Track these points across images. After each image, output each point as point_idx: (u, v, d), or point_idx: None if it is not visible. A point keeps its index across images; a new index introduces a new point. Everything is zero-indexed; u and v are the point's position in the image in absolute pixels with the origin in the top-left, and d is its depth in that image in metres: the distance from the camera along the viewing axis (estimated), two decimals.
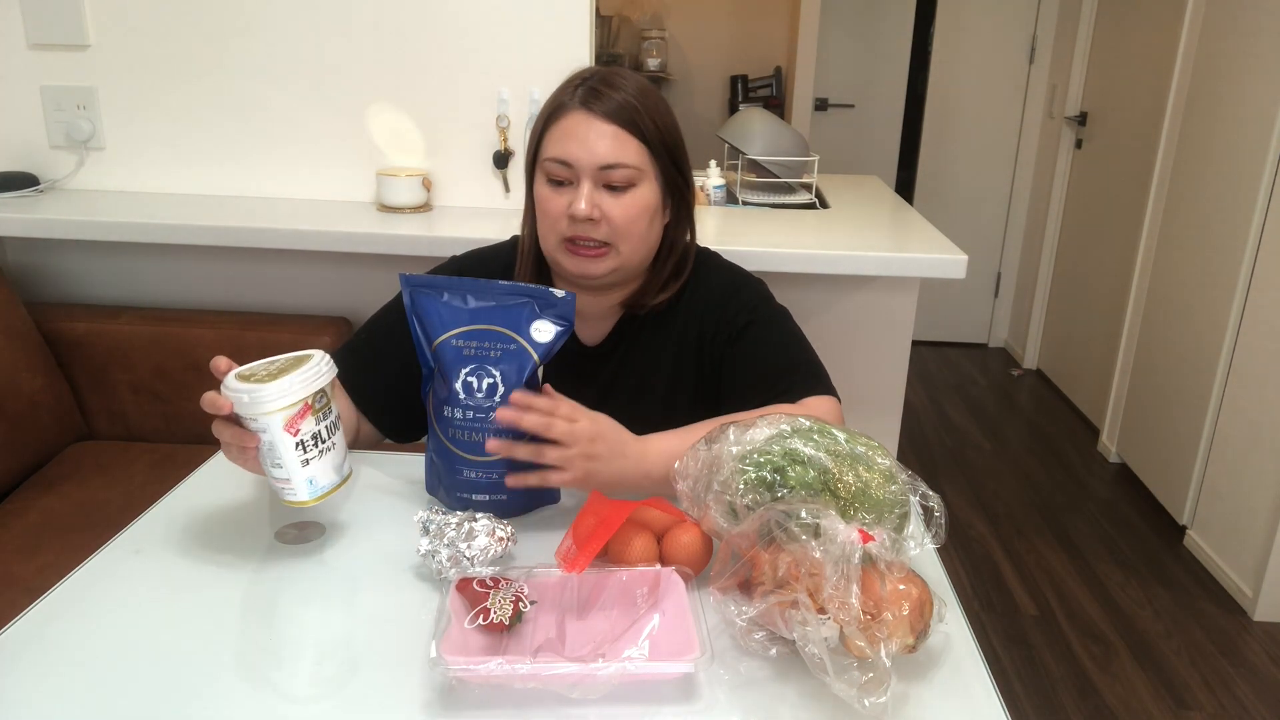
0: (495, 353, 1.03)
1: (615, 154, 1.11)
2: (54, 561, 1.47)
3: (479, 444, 1.02)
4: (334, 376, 0.95)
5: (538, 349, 1.04)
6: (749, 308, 1.24)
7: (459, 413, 1.02)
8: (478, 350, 1.03)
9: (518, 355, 1.03)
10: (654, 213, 1.17)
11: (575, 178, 1.12)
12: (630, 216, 1.13)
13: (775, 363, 1.21)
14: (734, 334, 1.23)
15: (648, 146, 1.14)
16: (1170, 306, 2.96)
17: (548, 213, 1.15)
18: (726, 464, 0.91)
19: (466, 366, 1.03)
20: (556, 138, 1.13)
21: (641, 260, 1.19)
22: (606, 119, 1.11)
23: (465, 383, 1.02)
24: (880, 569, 0.78)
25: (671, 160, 1.17)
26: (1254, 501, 2.43)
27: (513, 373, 1.03)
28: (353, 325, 1.99)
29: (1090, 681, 2.18)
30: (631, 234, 1.14)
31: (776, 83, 4.59)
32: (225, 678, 0.80)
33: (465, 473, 1.04)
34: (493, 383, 1.02)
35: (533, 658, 0.78)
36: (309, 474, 0.92)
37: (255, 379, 0.90)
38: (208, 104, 1.98)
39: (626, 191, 1.13)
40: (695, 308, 1.25)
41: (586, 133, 1.11)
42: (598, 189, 1.12)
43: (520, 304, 1.05)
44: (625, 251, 1.15)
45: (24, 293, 1.97)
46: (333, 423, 0.94)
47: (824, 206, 2.25)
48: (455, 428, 1.03)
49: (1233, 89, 2.65)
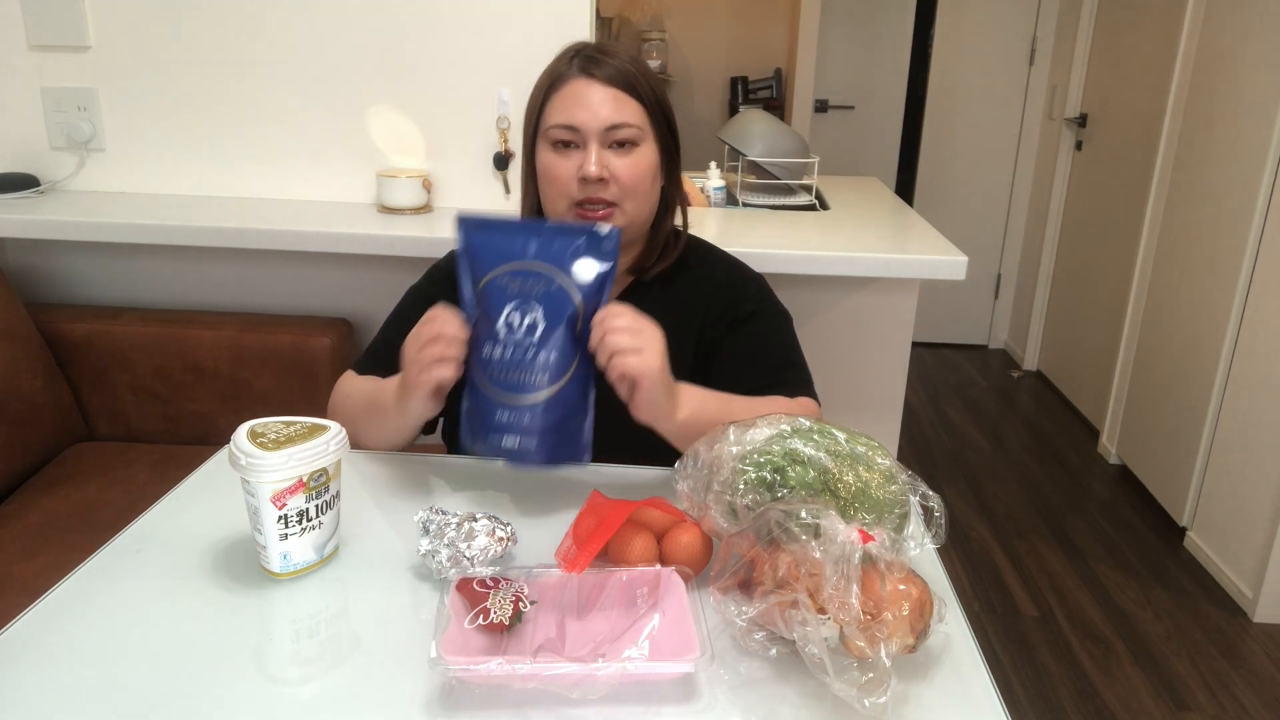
0: (538, 290, 1.04)
1: (619, 114, 1.16)
2: (54, 562, 1.47)
3: (516, 383, 1.03)
4: (341, 457, 0.94)
5: (582, 290, 1.05)
6: (756, 299, 1.29)
7: (499, 350, 1.03)
8: (522, 288, 1.05)
9: (560, 295, 1.04)
10: (655, 171, 1.22)
11: (582, 140, 1.17)
12: (637, 174, 1.18)
13: (771, 358, 1.26)
14: (737, 320, 1.27)
15: (646, 108, 1.19)
16: (1170, 308, 2.96)
17: (556, 178, 1.18)
18: (726, 464, 0.91)
19: (510, 302, 1.04)
20: (559, 105, 1.17)
21: (645, 219, 1.24)
22: (607, 83, 1.16)
23: (508, 320, 1.04)
24: (880, 569, 0.78)
25: (666, 123, 1.23)
26: (1254, 502, 2.43)
27: (556, 312, 1.04)
28: (353, 326, 1.99)
29: (1090, 682, 2.18)
30: (638, 191, 1.20)
31: (776, 84, 4.59)
32: (224, 678, 0.80)
33: (499, 414, 1.04)
34: (533, 321, 1.03)
35: (533, 658, 0.78)
36: (285, 548, 0.91)
37: (264, 439, 0.90)
38: (208, 105, 1.98)
39: (631, 151, 1.18)
40: (699, 286, 1.29)
41: (590, 97, 1.16)
42: (604, 149, 1.17)
43: (567, 240, 1.07)
44: (631, 209, 1.20)
45: (24, 294, 1.98)
46: (327, 502, 0.93)
47: (824, 208, 2.25)
48: (493, 366, 1.04)
49: (1233, 89, 2.65)
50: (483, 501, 1.11)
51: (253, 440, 0.90)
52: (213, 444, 1.23)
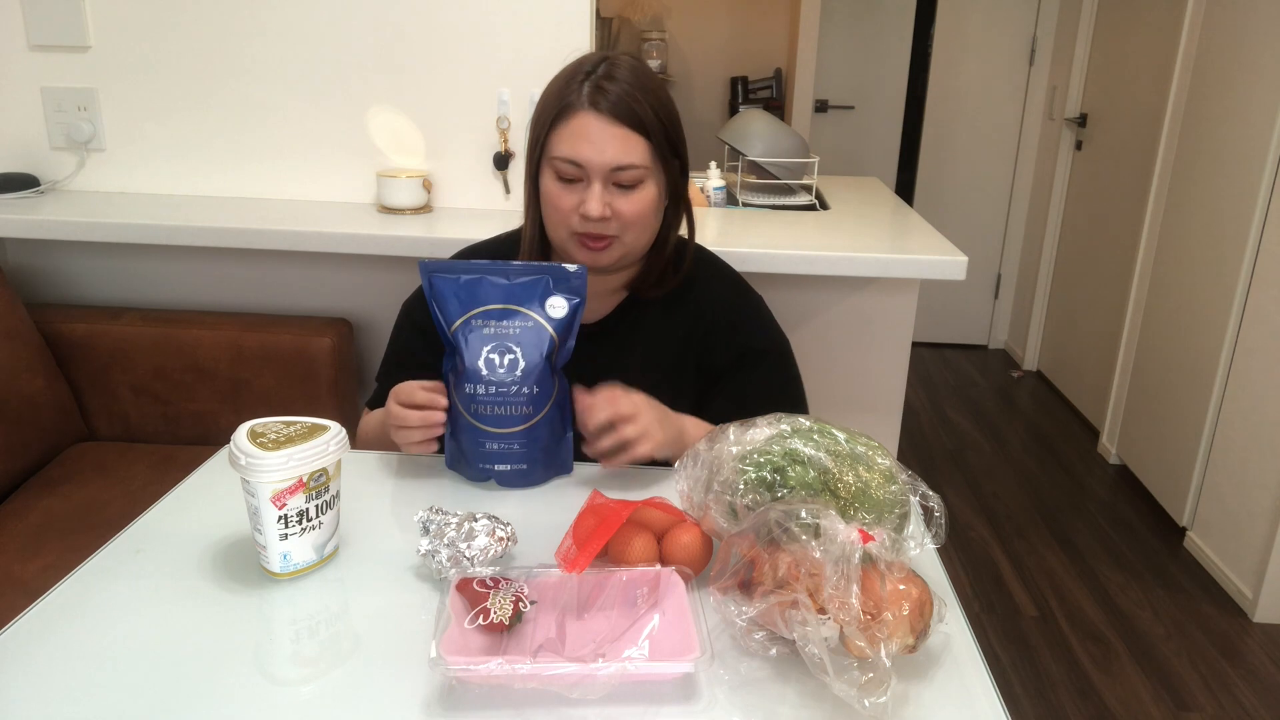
0: (514, 330, 1.08)
1: (624, 155, 1.16)
2: (54, 562, 1.48)
3: (503, 416, 1.08)
4: (341, 456, 0.94)
5: (554, 324, 1.10)
6: (764, 333, 1.33)
7: (482, 388, 1.07)
8: (497, 329, 1.08)
9: (535, 331, 1.09)
10: (658, 206, 1.24)
11: (585, 177, 1.17)
12: (638, 211, 1.20)
13: (776, 400, 1.29)
14: (746, 356, 1.30)
15: (652, 143, 1.18)
16: (1170, 308, 2.96)
17: (558, 209, 1.20)
18: (726, 464, 0.91)
19: (487, 345, 1.08)
20: (565, 138, 1.17)
21: (644, 246, 1.26)
22: (614, 119, 1.15)
23: (488, 360, 1.08)
24: (880, 569, 0.78)
25: (671, 148, 1.21)
26: (1254, 503, 2.43)
27: (533, 348, 1.08)
28: (353, 326, 1.99)
29: (1090, 682, 2.18)
30: (639, 225, 1.21)
31: (776, 84, 4.59)
32: (224, 677, 0.80)
33: (489, 445, 1.09)
34: (514, 359, 1.08)
35: (533, 658, 0.78)
36: (285, 549, 0.92)
37: (264, 439, 0.90)
38: (208, 105, 1.98)
39: (635, 190, 1.19)
40: (700, 303, 1.31)
41: (596, 135, 1.15)
42: (608, 188, 1.18)
43: (534, 280, 1.11)
44: (630, 241, 1.22)
45: (24, 294, 1.98)
46: (326, 502, 0.94)
47: (824, 208, 2.25)
48: (479, 403, 1.08)
49: (1233, 89, 2.65)
50: (483, 501, 1.11)
51: (253, 440, 0.90)
52: (213, 444, 1.23)
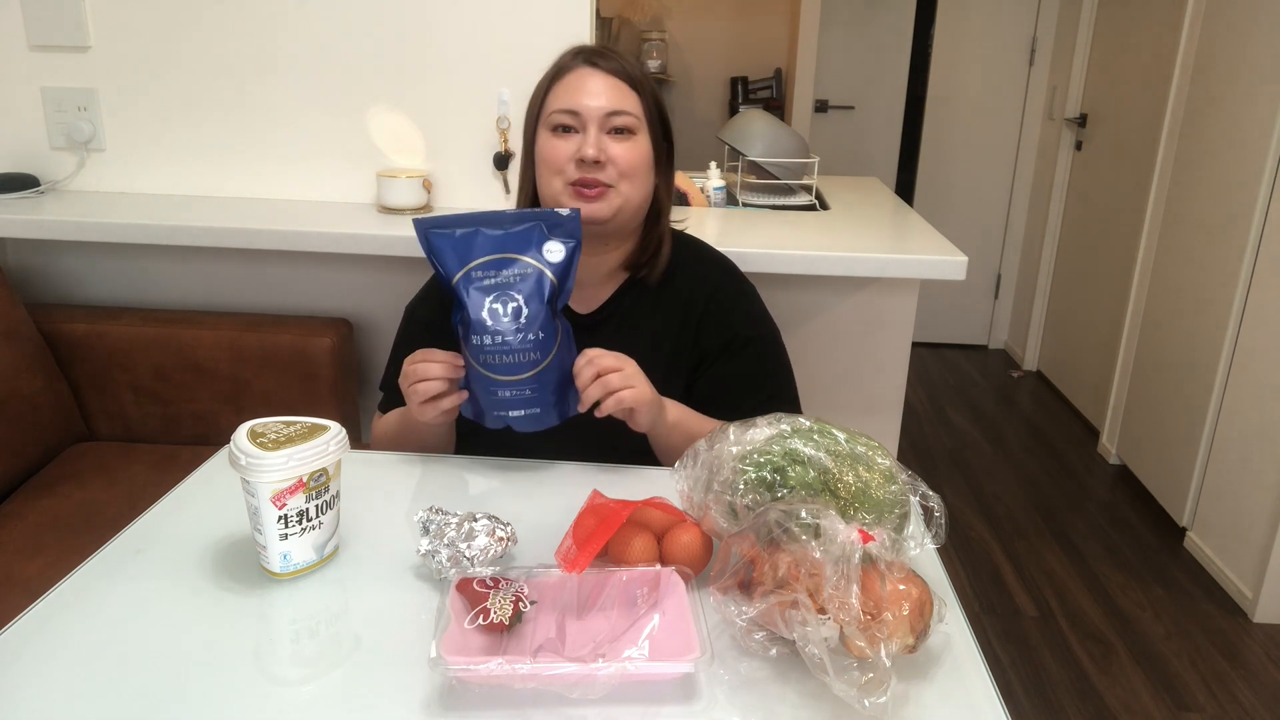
0: (514, 278, 1.09)
1: (619, 102, 1.21)
2: (54, 562, 1.48)
3: (511, 364, 1.08)
4: (341, 456, 0.94)
5: (552, 269, 1.10)
6: (753, 320, 1.33)
7: (489, 339, 1.07)
8: (497, 279, 1.09)
9: (535, 277, 1.09)
10: (651, 162, 1.26)
11: (582, 125, 1.21)
12: (633, 159, 1.22)
13: (763, 385, 1.31)
14: (733, 342, 1.30)
15: (644, 104, 1.24)
16: (1170, 308, 2.96)
17: (553, 159, 1.22)
18: (726, 464, 0.91)
19: (490, 295, 1.08)
20: (561, 93, 1.22)
21: (638, 208, 1.27)
22: (609, 73, 1.22)
23: (491, 310, 1.08)
24: (880, 569, 0.78)
25: (662, 124, 1.27)
26: (1254, 503, 2.43)
27: (534, 295, 1.08)
28: (353, 326, 1.99)
29: (1090, 683, 2.18)
30: (634, 176, 1.23)
31: (776, 84, 4.59)
32: (225, 677, 0.80)
33: (501, 392, 1.09)
34: (517, 306, 1.08)
35: (533, 658, 0.78)
36: (284, 548, 0.92)
37: (264, 439, 0.90)
38: (208, 105, 1.98)
39: (628, 138, 1.22)
40: (694, 287, 1.31)
41: (592, 84, 1.21)
42: (603, 134, 1.21)
43: (528, 228, 1.11)
44: (626, 191, 1.23)
45: (24, 294, 1.97)
46: (327, 502, 0.94)
47: (824, 208, 2.25)
48: (487, 353, 1.08)
49: (1233, 89, 2.65)
50: (483, 501, 1.11)
51: (253, 440, 0.90)
52: (213, 444, 1.23)
